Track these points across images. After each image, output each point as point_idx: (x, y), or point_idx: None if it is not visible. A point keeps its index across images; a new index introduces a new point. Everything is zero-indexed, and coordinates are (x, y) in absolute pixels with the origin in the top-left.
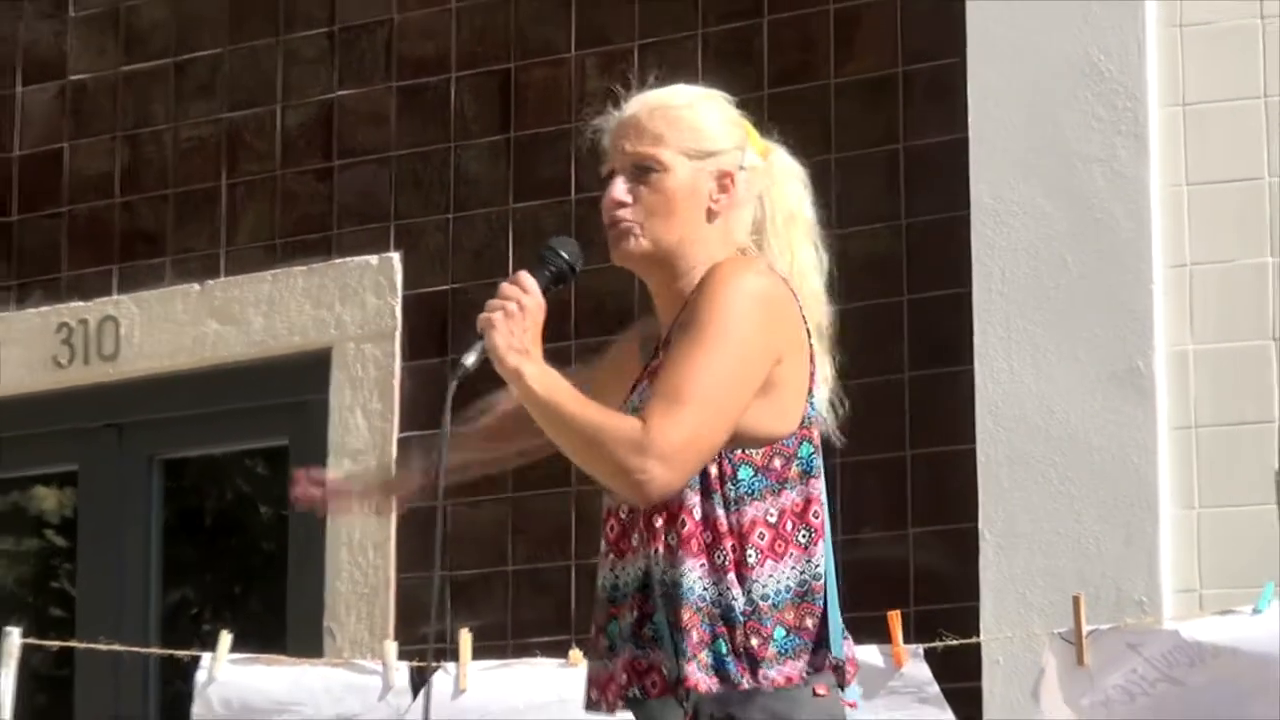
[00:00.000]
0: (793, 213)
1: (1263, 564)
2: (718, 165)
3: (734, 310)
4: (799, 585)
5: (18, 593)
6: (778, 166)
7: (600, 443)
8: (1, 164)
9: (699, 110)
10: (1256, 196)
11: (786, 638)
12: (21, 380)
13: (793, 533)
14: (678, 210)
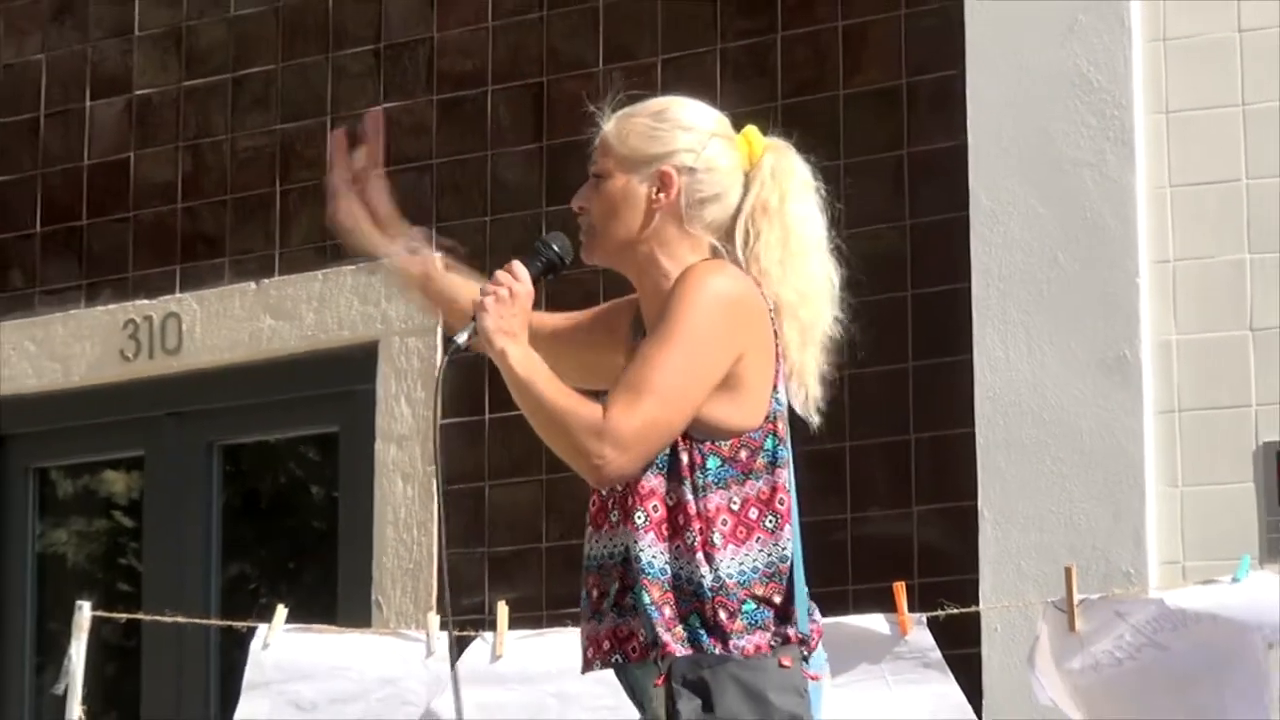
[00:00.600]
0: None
1: (1241, 538)
2: (657, 167)
3: (696, 310)
4: (766, 566)
5: (89, 569)
6: (770, 168)
7: (565, 425)
8: (72, 172)
9: (645, 121)
10: (1234, 197)
11: (755, 610)
12: (91, 373)
13: (758, 519)
14: (619, 212)
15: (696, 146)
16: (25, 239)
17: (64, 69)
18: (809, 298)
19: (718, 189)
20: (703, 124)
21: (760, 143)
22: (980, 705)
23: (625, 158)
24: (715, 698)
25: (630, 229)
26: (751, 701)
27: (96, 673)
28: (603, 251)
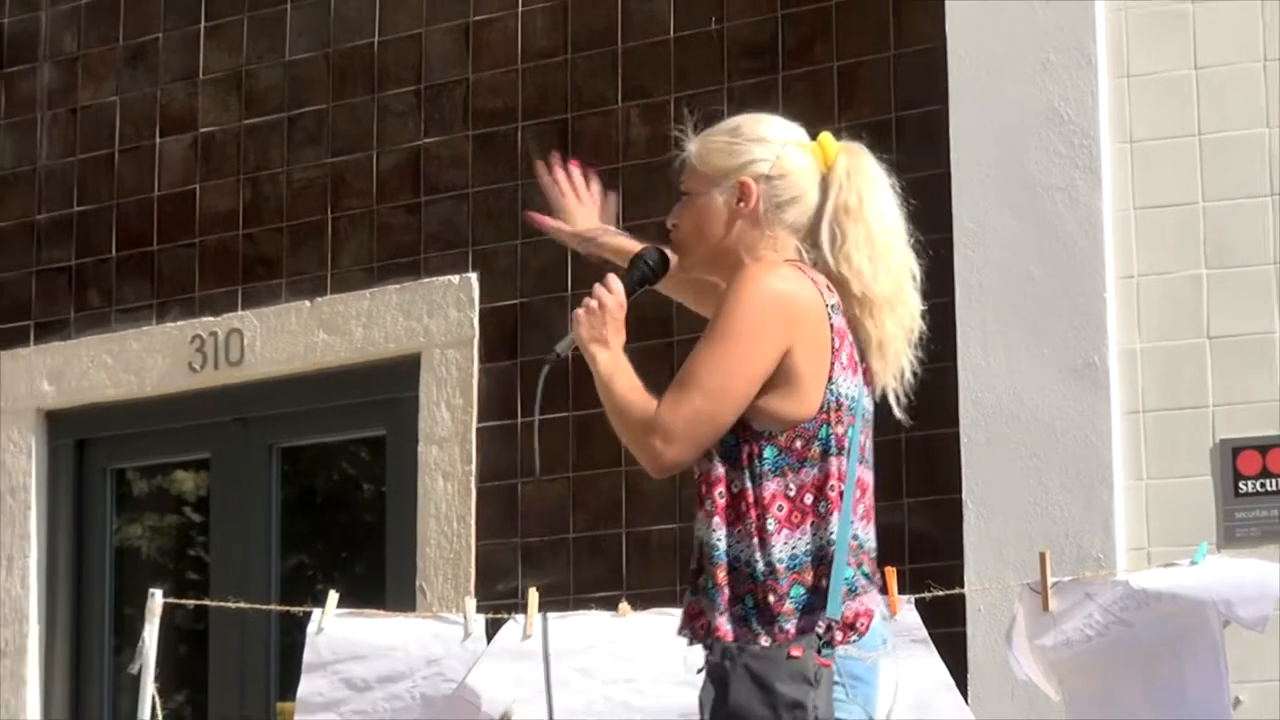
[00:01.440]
0: (850, 207)
1: (1199, 526)
2: (735, 179)
3: (741, 309)
4: (816, 550)
5: (160, 560)
6: (844, 169)
7: (629, 420)
8: (144, 203)
9: (722, 139)
10: (1192, 219)
11: (802, 595)
12: (162, 383)
13: (812, 504)
14: (705, 225)
15: (770, 155)
16: (102, 263)
17: (136, 110)
18: (902, 292)
19: (795, 192)
20: (776, 135)
21: (834, 147)
22: (965, 680)
23: (707, 175)
24: (730, 688)
25: (716, 238)
26: (759, 691)
27: (168, 654)
28: (694, 262)
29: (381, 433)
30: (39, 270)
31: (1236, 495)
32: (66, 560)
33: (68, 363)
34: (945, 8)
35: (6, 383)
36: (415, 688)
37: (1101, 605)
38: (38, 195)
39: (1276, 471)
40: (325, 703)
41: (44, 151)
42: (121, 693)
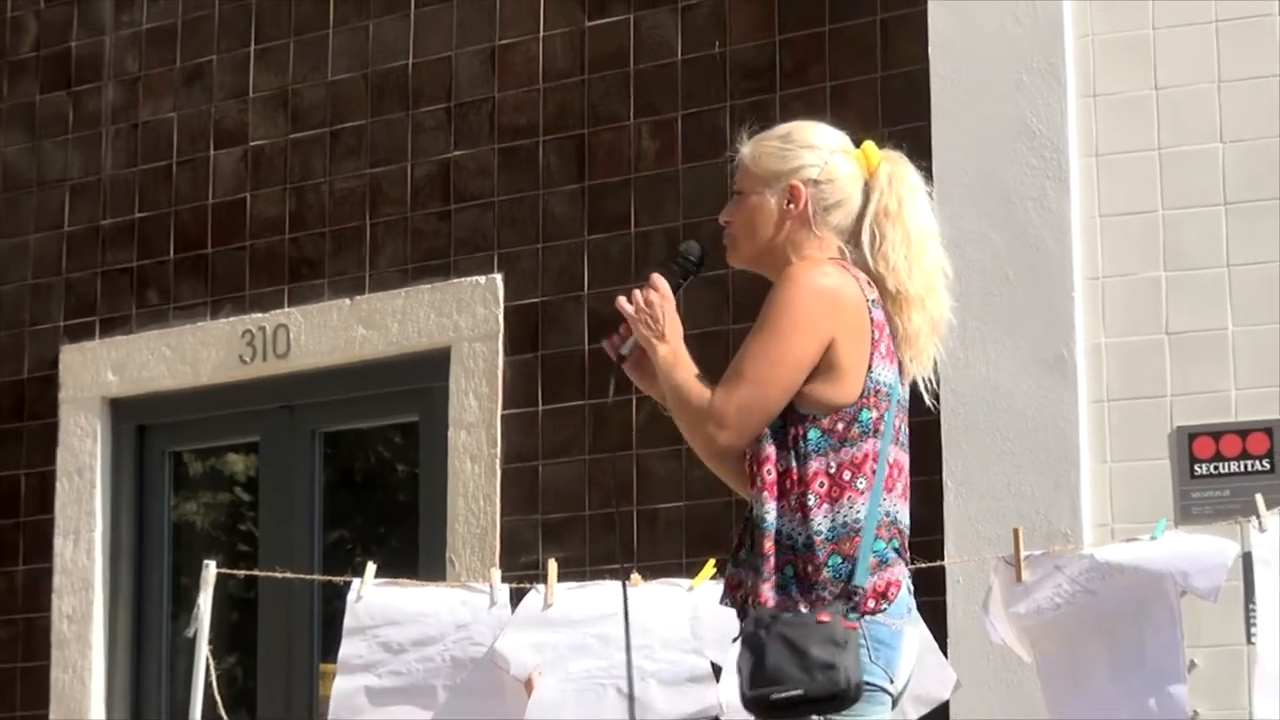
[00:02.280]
0: (890, 210)
1: (1158, 505)
2: (785, 182)
3: (787, 304)
4: (853, 523)
5: (214, 534)
6: (886, 175)
7: (688, 409)
8: (199, 210)
9: (774, 144)
10: (1152, 225)
11: (840, 565)
12: (216, 374)
13: (850, 481)
14: (755, 223)
15: (819, 161)
16: (161, 264)
17: (192, 125)
18: (934, 290)
19: (840, 196)
20: (824, 142)
21: (876, 155)
22: (945, 643)
23: (759, 177)
24: (765, 654)
25: (766, 236)
26: (793, 655)
27: (221, 619)
28: (743, 256)
29: (414, 419)
30: (103, 271)
31: (1192, 477)
32: (128, 534)
33: (130, 355)
34: (928, 33)
35: (74, 373)
36: (445, 651)
37: (1069, 576)
38: (103, 203)
39: (1228, 455)
40: (364, 664)
41: (108, 163)
42: (178, 655)
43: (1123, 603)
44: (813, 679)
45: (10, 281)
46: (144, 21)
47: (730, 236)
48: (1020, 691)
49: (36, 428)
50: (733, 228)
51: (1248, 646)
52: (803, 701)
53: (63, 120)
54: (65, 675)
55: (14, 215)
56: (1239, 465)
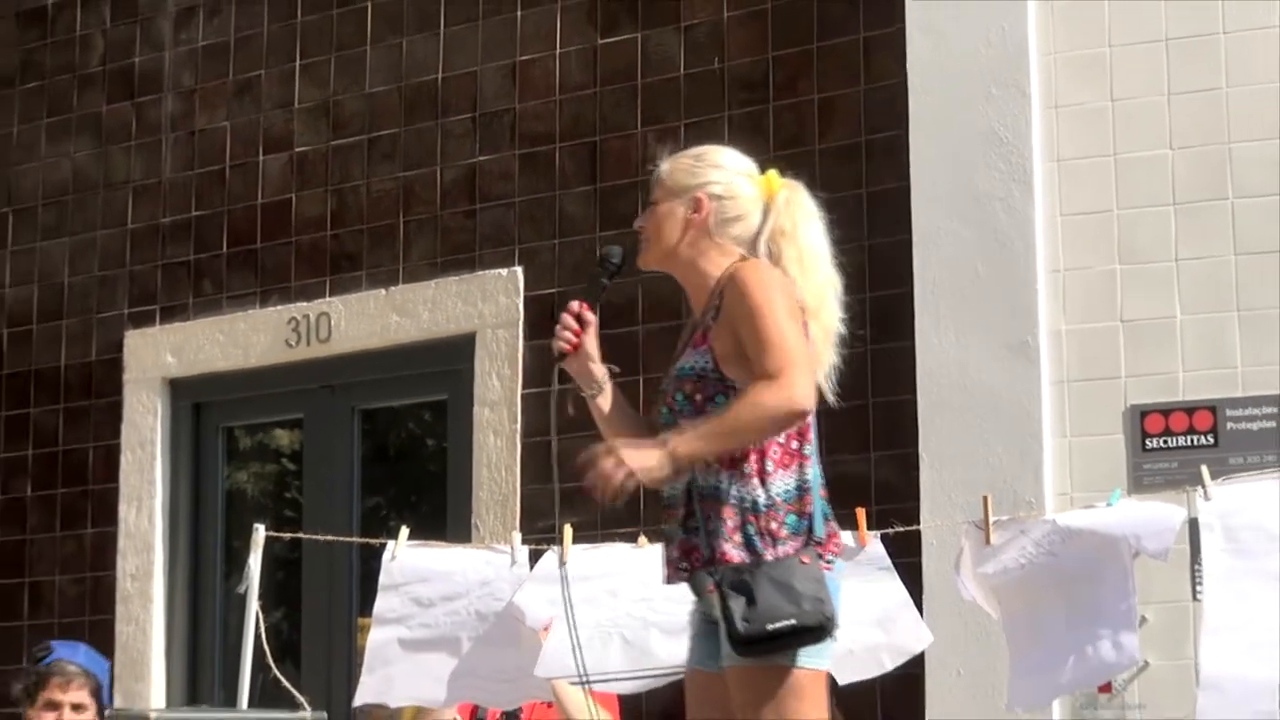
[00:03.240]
0: (785, 230)
1: (1113, 475)
2: (693, 194)
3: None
4: (800, 485)
5: (262, 501)
6: (784, 200)
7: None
8: (249, 209)
9: (688, 161)
10: (1108, 223)
11: (796, 522)
12: (264, 357)
13: (799, 448)
14: (663, 229)
15: (724, 180)
16: (215, 258)
17: (243, 133)
18: (825, 302)
19: (739, 212)
20: (731, 164)
21: (778, 182)
22: (920, 600)
23: (670, 189)
24: (756, 594)
25: (672, 240)
26: (782, 591)
27: (269, 578)
28: (652, 258)
29: (443, 397)
30: (163, 264)
31: (1144, 450)
32: (185, 501)
33: (187, 340)
34: (906, 51)
35: (137, 356)
36: (470, 605)
37: (1033, 540)
38: (162, 203)
39: (1176, 431)
40: (396, 617)
41: (167, 167)
42: (230, 610)
43: (1081, 563)
44: (803, 610)
45: (79, 274)
46: (200, 39)
47: (643, 240)
48: (988, 644)
49: (103, 405)
50: (645, 233)
51: (1193, 603)
52: (794, 631)
53: (127, 128)
54: (129, 628)
55: (83, 214)
56: (1186, 440)
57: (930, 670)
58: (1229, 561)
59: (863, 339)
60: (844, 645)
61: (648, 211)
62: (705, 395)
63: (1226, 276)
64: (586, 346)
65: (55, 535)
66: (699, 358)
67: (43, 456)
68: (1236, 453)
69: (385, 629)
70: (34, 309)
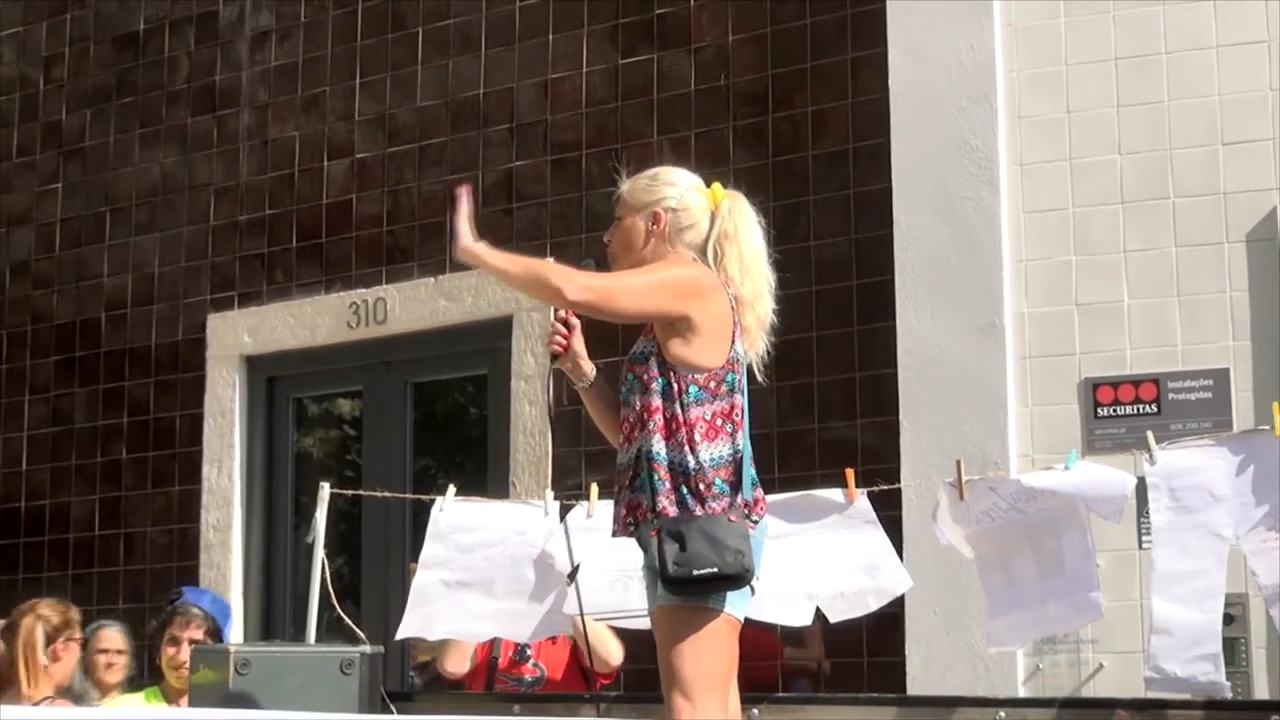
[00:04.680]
0: (728, 234)
1: (1069, 440)
2: (651, 209)
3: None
4: (729, 455)
5: (326, 462)
6: (727, 208)
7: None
8: (315, 208)
9: (642, 182)
10: (1065, 220)
11: (721, 485)
12: (329, 337)
13: (723, 426)
14: (628, 241)
15: (677, 195)
16: (285, 251)
17: (310, 141)
18: (761, 295)
19: (691, 221)
20: (682, 181)
21: (721, 192)
22: (901, 549)
23: (631, 206)
24: (687, 543)
25: (636, 250)
26: (709, 542)
27: (332, 529)
28: (621, 267)
29: (485, 372)
30: (240, 256)
31: (1096, 418)
32: (260, 463)
33: (261, 322)
34: (888, 69)
35: (218, 336)
36: (506, 551)
37: (1001, 496)
38: (240, 203)
39: (1124, 401)
40: (439, 562)
41: (244, 171)
42: (299, 557)
43: (1044, 519)
44: (725, 560)
45: (167, 264)
46: (272, 60)
47: (611, 253)
48: (960, 588)
49: (189, 379)
50: (612, 246)
51: (1139, 551)
52: (715, 578)
53: (208, 138)
54: (211, 573)
55: (170, 212)
56: (1133, 409)
57: (909, 610)
58: (1173, 517)
59: (849, 320)
60: (834, 589)
61: (613, 227)
62: (650, 376)
63: (1168, 266)
64: (575, 347)
65: (147, 492)
66: (646, 344)
67: (135, 424)
68: (1178, 420)
69: (429, 572)
70: (128, 295)
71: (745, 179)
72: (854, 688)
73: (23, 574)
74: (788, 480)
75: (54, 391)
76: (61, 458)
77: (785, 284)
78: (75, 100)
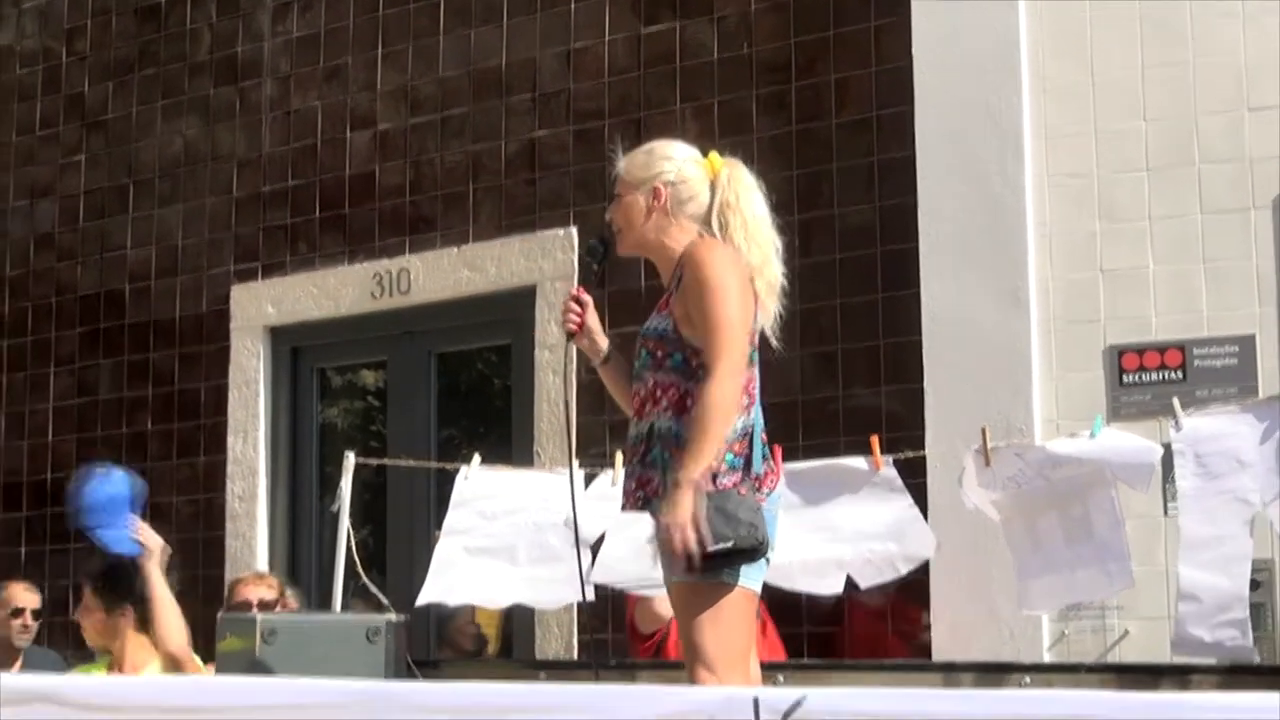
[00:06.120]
0: (730, 203)
1: (1094, 407)
2: (650, 184)
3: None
4: (741, 429)
5: (351, 432)
6: (726, 177)
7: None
8: (338, 179)
9: (639, 157)
10: (1090, 187)
11: (733, 459)
12: (353, 307)
13: None
14: (630, 217)
15: (674, 168)
16: (309, 222)
17: (332, 112)
18: (769, 261)
19: (691, 193)
20: (678, 154)
21: (719, 162)
22: (926, 516)
23: (630, 182)
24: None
25: (639, 227)
26: (722, 517)
27: (357, 498)
28: (626, 244)
29: (508, 342)
30: (264, 227)
31: (1121, 385)
32: (285, 432)
33: (285, 292)
34: (911, 36)
35: (242, 307)
36: (530, 517)
37: (1026, 462)
38: (263, 173)
39: (1150, 367)
40: (463, 529)
41: (267, 142)
42: (325, 526)
43: (1071, 486)
44: (739, 534)
45: (191, 236)
46: (294, 31)
47: (616, 230)
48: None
49: (213, 350)
50: (616, 223)
51: (1164, 518)
52: (731, 552)
53: (231, 109)
54: (236, 542)
55: (193, 184)
56: (1158, 375)
57: (934, 577)
58: (1199, 483)
59: (874, 288)
60: (862, 555)
61: (614, 204)
62: (665, 352)
63: (1193, 232)
64: (589, 324)
65: (172, 463)
66: (661, 321)
67: (161, 395)
68: (1203, 386)
69: (452, 539)
70: (152, 267)
71: (768, 147)
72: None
73: (49, 545)
74: (812, 448)
75: (79, 363)
76: (87, 429)
77: (808, 252)
78: (98, 72)
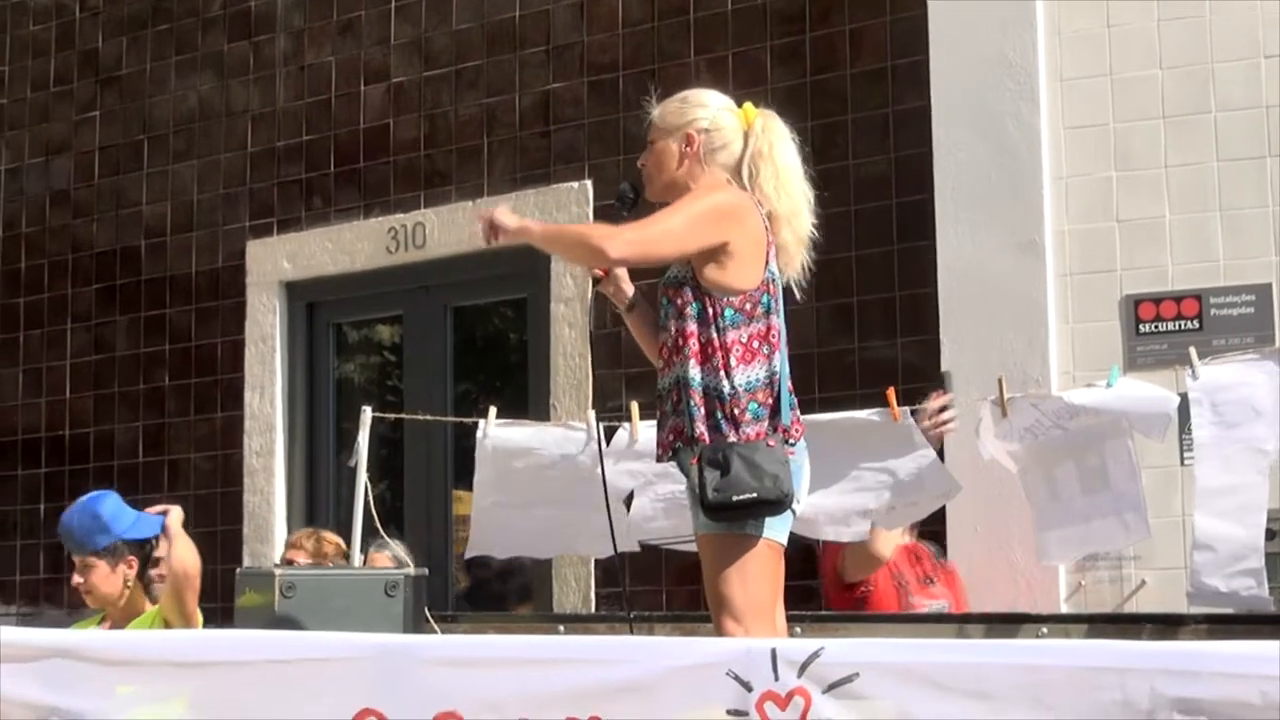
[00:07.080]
0: (762, 152)
1: (1110, 357)
2: (683, 131)
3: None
4: (765, 378)
5: (367, 387)
6: (760, 126)
7: (572, 235)
8: (353, 133)
9: (673, 105)
10: (1105, 136)
11: (757, 409)
12: (368, 262)
13: (759, 348)
14: (662, 163)
15: (708, 116)
16: (324, 176)
17: (346, 66)
18: (798, 211)
19: (724, 142)
20: (713, 102)
21: (753, 112)
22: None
23: (663, 129)
24: (731, 467)
25: (670, 172)
26: (749, 468)
27: (374, 453)
28: (655, 190)
29: (524, 295)
30: (279, 182)
31: (1137, 334)
32: (301, 388)
33: (301, 247)
34: None
35: (258, 262)
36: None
37: (1043, 413)
38: (277, 128)
39: (1166, 317)
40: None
41: (280, 97)
42: (342, 482)
43: (1088, 437)
44: (764, 486)
45: (206, 191)
46: None
47: (646, 175)
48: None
49: (229, 305)
50: (646, 169)
51: (1181, 467)
52: (755, 503)
53: (245, 64)
54: (254, 498)
55: (208, 139)
56: (1174, 325)
57: (951, 529)
58: (1215, 432)
59: (889, 239)
60: (886, 503)
61: (647, 151)
62: (684, 300)
63: (1210, 180)
64: (615, 271)
65: (190, 419)
66: (680, 269)
67: (177, 351)
68: (1220, 335)
69: (485, 496)
70: (167, 223)
71: (782, 98)
72: None
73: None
74: (828, 400)
75: (95, 320)
76: (104, 385)
77: (824, 203)
78: (111, 28)
